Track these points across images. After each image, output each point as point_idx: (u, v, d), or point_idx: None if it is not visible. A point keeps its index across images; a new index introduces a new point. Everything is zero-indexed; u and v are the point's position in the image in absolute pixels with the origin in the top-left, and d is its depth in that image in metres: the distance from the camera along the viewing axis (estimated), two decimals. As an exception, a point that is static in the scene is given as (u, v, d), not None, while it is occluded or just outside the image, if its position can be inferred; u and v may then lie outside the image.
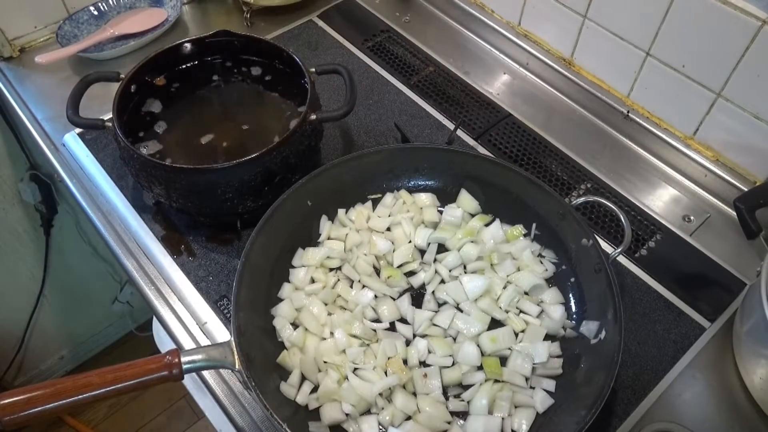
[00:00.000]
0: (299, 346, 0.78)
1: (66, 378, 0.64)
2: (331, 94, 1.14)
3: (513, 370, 0.77)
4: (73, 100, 0.89)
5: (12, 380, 1.80)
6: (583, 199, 0.86)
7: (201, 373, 0.82)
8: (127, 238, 0.94)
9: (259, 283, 0.80)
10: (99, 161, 1.01)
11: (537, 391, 0.76)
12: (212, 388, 0.81)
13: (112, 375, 0.64)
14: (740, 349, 0.81)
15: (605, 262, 0.77)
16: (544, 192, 0.85)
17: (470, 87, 1.17)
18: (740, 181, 0.98)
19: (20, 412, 0.61)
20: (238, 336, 0.70)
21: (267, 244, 0.81)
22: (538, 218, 0.88)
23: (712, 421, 0.78)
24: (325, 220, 0.90)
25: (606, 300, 0.76)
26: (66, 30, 1.19)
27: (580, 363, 0.77)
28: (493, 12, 1.24)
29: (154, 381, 0.66)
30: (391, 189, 0.94)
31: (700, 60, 0.94)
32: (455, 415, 0.75)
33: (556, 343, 0.80)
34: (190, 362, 0.67)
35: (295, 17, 1.29)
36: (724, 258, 0.93)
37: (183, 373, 0.67)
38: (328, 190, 0.89)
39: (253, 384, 0.67)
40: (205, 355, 0.69)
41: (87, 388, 0.63)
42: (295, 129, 0.86)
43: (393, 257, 0.87)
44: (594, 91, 1.11)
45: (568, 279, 0.85)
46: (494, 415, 0.74)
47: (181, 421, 1.91)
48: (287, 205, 0.84)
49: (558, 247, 0.87)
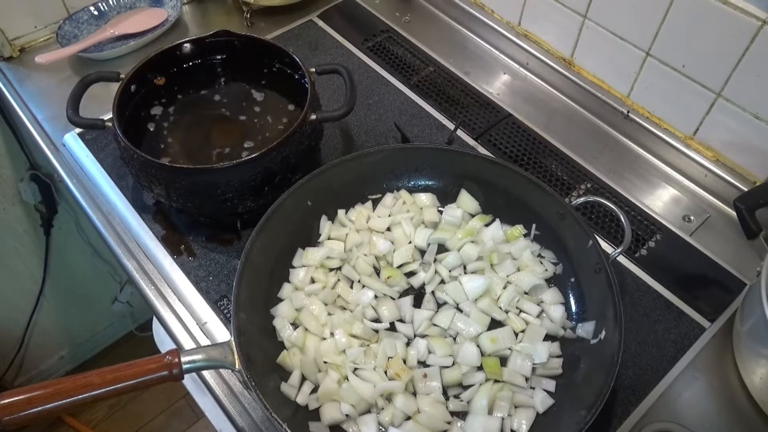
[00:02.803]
0: (299, 346, 0.78)
1: (66, 378, 0.64)
2: (331, 94, 1.14)
3: (513, 370, 0.77)
4: (73, 100, 0.89)
5: (12, 380, 1.80)
6: (583, 199, 0.86)
7: (201, 373, 0.82)
8: (127, 238, 0.94)
9: (259, 283, 0.80)
10: (99, 161, 1.01)
11: (537, 392, 0.76)
12: (212, 388, 0.81)
13: (112, 375, 0.64)
14: (740, 349, 0.81)
15: (605, 263, 0.77)
16: (544, 192, 0.85)
17: (470, 87, 1.17)
18: (740, 181, 0.98)
19: (20, 411, 0.61)
20: (238, 336, 0.70)
21: (267, 244, 0.81)
22: (538, 218, 0.88)
23: (712, 421, 0.78)
24: (325, 220, 0.90)
25: (606, 300, 0.76)
26: (66, 30, 1.19)
27: (579, 363, 0.77)
28: (493, 12, 1.24)
29: (154, 381, 0.66)
30: (391, 189, 0.94)
31: (700, 60, 0.94)
32: (455, 415, 0.75)
33: (556, 343, 0.80)
34: (190, 362, 0.67)
35: (295, 17, 1.29)
36: (724, 258, 0.93)
37: (183, 373, 0.67)
38: (329, 190, 0.89)
39: (254, 384, 0.67)
40: (205, 355, 0.69)
41: (87, 388, 0.63)
42: (295, 129, 0.86)
43: (393, 257, 0.87)
44: (594, 91, 1.11)
45: (568, 279, 0.85)
46: (494, 416, 0.74)
47: (181, 421, 1.91)
48: (287, 205, 0.84)
49: (558, 248, 0.87)
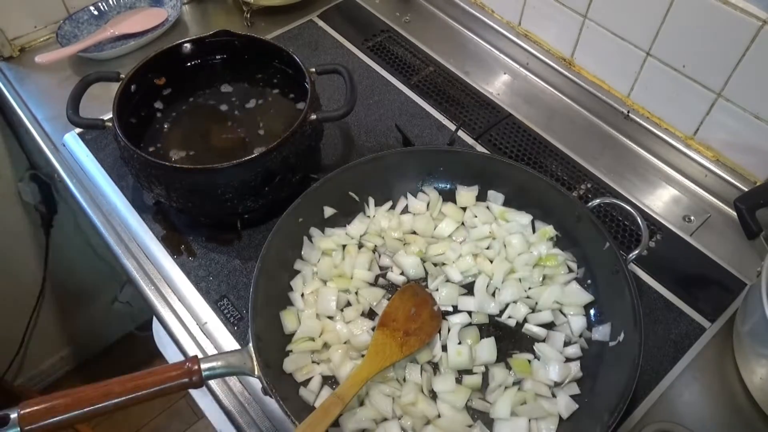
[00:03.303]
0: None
1: (86, 387, 0.63)
2: (331, 94, 1.13)
3: (536, 379, 0.76)
4: (73, 100, 0.89)
5: (12, 380, 1.80)
6: (599, 201, 0.86)
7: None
8: (127, 238, 0.94)
9: (275, 285, 0.80)
10: (99, 161, 1.01)
11: (560, 397, 0.75)
12: (212, 387, 0.80)
13: (133, 383, 0.63)
14: (740, 349, 0.81)
15: (623, 264, 0.77)
16: (560, 194, 0.86)
17: (470, 87, 1.17)
18: (740, 181, 0.97)
19: (41, 421, 0.60)
20: (256, 342, 0.70)
21: (281, 247, 0.82)
22: (554, 220, 0.88)
23: (712, 421, 0.78)
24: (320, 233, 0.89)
25: (624, 302, 0.76)
26: (66, 30, 1.19)
27: (599, 366, 0.77)
28: (494, 12, 1.24)
29: (175, 388, 0.65)
30: (407, 191, 0.93)
31: (701, 60, 0.94)
32: (477, 416, 0.74)
33: (576, 346, 0.79)
34: (210, 369, 0.67)
35: (295, 17, 1.29)
36: (724, 258, 0.93)
37: (203, 380, 0.66)
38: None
39: (274, 390, 0.67)
40: (225, 362, 0.68)
41: (108, 397, 0.62)
42: (295, 129, 0.86)
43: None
44: (594, 91, 1.11)
45: (584, 282, 0.84)
46: (520, 420, 0.73)
47: (181, 421, 1.91)
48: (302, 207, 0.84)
49: (575, 250, 0.86)
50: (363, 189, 0.91)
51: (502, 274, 0.84)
